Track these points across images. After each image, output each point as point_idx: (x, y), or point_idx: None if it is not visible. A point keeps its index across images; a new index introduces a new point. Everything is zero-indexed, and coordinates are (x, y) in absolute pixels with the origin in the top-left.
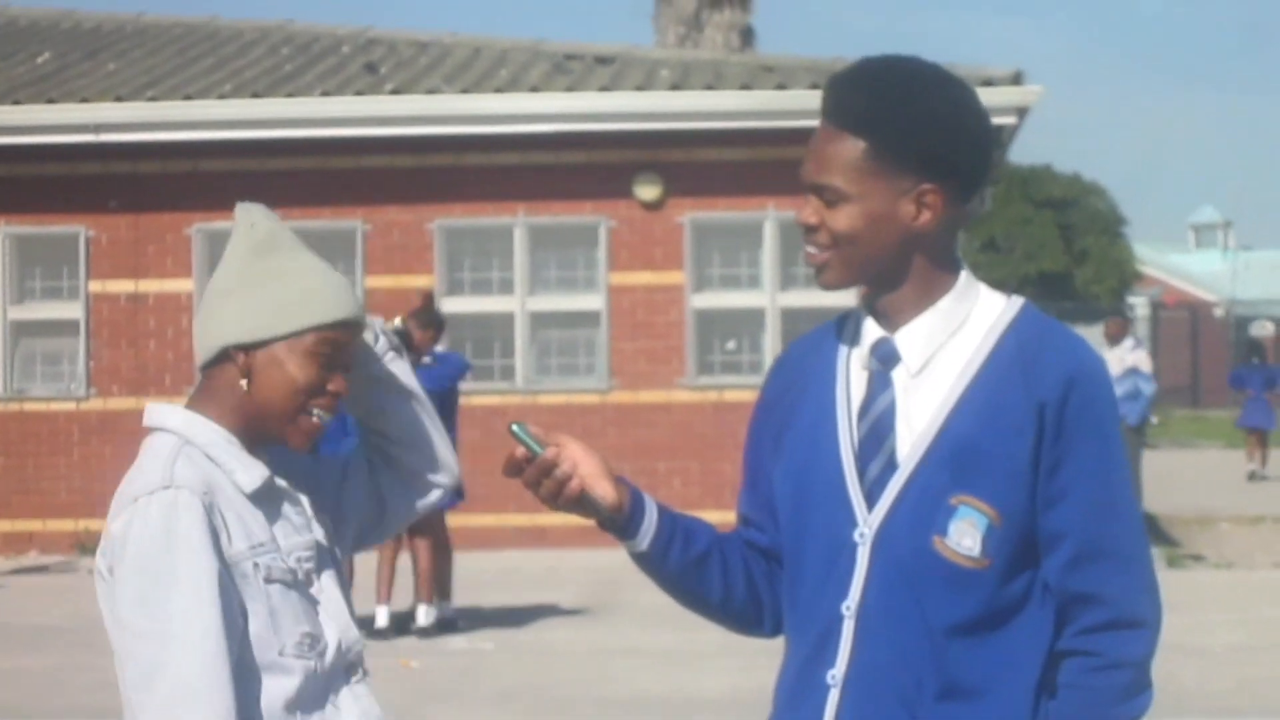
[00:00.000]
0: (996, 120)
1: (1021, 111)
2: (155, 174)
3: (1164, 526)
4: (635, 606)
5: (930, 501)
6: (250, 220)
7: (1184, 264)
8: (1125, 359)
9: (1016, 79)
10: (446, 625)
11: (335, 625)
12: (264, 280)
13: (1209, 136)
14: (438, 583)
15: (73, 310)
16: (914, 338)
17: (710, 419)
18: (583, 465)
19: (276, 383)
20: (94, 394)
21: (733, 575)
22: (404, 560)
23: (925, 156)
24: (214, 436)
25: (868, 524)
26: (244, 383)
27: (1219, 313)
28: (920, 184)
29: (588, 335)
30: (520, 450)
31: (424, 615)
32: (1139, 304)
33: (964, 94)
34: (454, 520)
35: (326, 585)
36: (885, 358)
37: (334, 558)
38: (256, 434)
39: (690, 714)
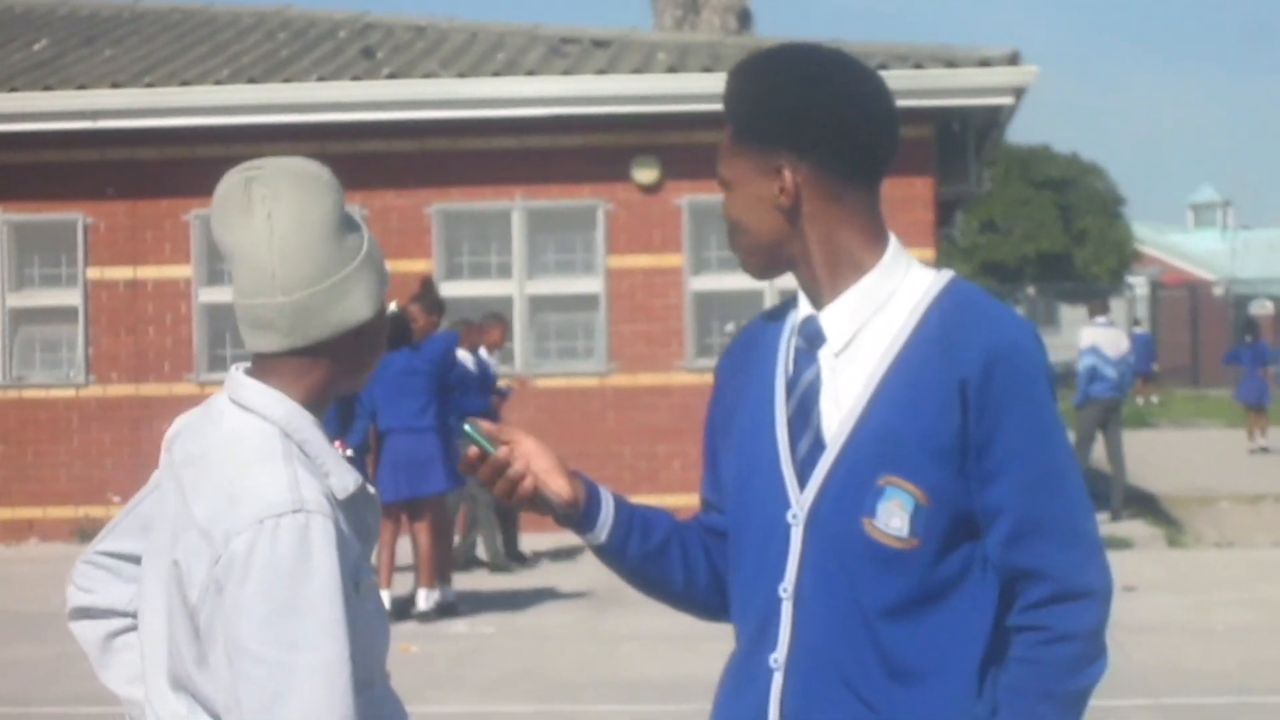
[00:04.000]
0: (993, 101)
1: (1019, 92)
2: (152, 160)
3: (1164, 506)
4: (635, 590)
5: (858, 482)
6: (339, 185)
7: (1183, 243)
8: (1088, 336)
9: (1013, 59)
10: (446, 610)
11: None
12: (363, 248)
13: (1208, 116)
14: (437, 567)
15: (71, 297)
16: (837, 316)
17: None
18: (535, 462)
19: (379, 337)
20: (93, 381)
21: (694, 563)
22: (404, 544)
23: (774, 131)
24: (311, 432)
25: (799, 504)
26: (362, 353)
27: (1218, 292)
28: (777, 160)
29: (586, 318)
30: (473, 450)
31: (424, 600)
32: (1138, 283)
33: (828, 70)
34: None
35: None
36: (810, 336)
37: None
38: (327, 404)
39: (691, 696)
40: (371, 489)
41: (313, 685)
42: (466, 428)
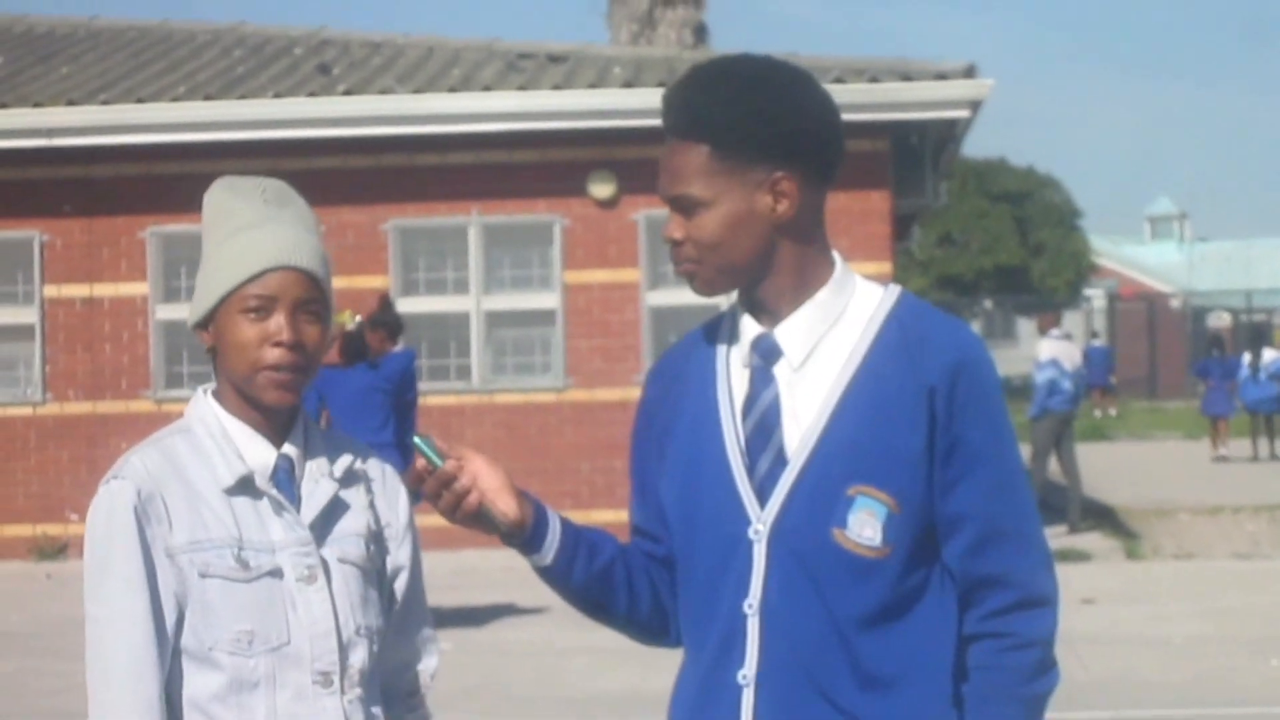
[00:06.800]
0: (950, 114)
1: (975, 105)
2: (109, 177)
3: (1123, 518)
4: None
5: (826, 494)
6: (213, 203)
7: (1140, 256)
8: (1047, 350)
9: (969, 72)
10: None
11: (307, 632)
12: (209, 258)
13: (1164, 128)
14: None
15: (28, 315)
16: (794, 331)
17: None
18: (484, 479)
19: (229, 348)
20: (50, 398)
21: (637, 586)
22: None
23: (768, 144)
24: (214, 427)
25: (762, 520)
26: (214, 358)
27: (1175, 304)
28: (772, 173)
29: (543, 334)
30: (421, 462)
31: None
32: (1095, 296)
33: (797, 81)
34: None
35: (326, 589)
36: (766, 353)
37: (360, 571)
38: (256, 408)
39: (647, 712)
40: (265, 484)
41: (115, 634)
42: (417, 440)
